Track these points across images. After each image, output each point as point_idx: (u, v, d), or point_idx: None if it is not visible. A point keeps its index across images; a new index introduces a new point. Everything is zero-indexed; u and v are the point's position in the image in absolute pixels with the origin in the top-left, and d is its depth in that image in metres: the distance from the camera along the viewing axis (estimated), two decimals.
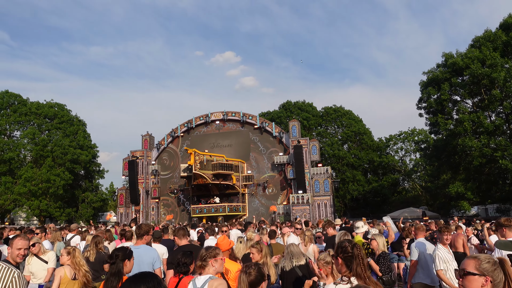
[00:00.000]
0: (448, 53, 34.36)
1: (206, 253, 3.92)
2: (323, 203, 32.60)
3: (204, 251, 4.00)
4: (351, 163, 50.79)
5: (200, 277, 3.77)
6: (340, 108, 54.50)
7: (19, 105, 45.35)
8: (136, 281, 1.95)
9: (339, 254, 2.98)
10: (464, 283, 2.36)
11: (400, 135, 53.68)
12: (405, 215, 32.55)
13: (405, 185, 55.91)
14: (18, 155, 43.59)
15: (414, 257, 6.44)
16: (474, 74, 30.15)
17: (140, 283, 1.92)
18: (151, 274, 2.04)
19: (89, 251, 7.11)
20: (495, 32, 31.95)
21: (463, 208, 46.06)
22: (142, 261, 5.26)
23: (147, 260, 5.28)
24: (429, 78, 35.06)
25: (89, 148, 48.05)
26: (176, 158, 37.57)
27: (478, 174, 33.34)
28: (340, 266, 2.97)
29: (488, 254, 2.52)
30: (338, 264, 3.00)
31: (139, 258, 5.31)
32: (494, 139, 30.11)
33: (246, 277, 3.02)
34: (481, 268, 2.25)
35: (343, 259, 2.95)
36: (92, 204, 47.38)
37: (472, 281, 2.26)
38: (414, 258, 6.44)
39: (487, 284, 2.18)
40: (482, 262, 2.27)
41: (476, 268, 2.27)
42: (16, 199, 41.12)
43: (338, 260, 2.99)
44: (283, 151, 34.89)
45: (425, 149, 42.83)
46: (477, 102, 33.74)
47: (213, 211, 32.31)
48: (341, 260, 2.96)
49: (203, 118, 37.40)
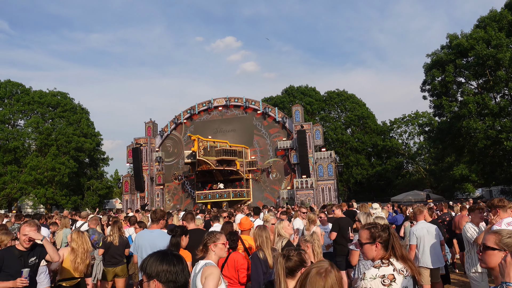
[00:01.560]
0: (453, 34, 33.90)
1: (206, 238, 3.93)
2: (327, 187, 32.69)
3: (205, 236, 4.00)
4: (355, 147, 50.73)
5: (200, 262, 3.78)
6: (343, 92, 54.18)
7: (22, 94, 45.39)
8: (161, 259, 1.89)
9: (377, 239, 2.83)
10: (483, 257, 2.35)
11: (404, 118, 53.42)
12: (409, 198, 32.64)
13: (409, 168, 55.88)
14: (23, 144, 43.82)
15: (412, 242, 6.33)
16: (479, 55, 29.77)
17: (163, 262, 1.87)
18: (178, 256, 1.97)
19: (112, 235, 7.18)
20: (501, 12, 31.40)
21: (467, 191, 46.08)
22: (156, 245, 5.31)
23: (161, 244, 5.35)
24: (433, 60, 34.67)
25: (93, 136, 48.23)
26: (179, 145, 37.64)
27: (482, 156, 33.23)
28: (378, 251, 2.83)
29: (510, 229, 2.49)
30: (374, 250, 2.84)
31: (153, 242, 5.38)
32: (499, 120, 29.91)
33: (285, 261, 2.84)
34: (502, 243, 2.24)
35: (381, 243, 2.83)
36: (97, 191, 47.81)
37: (491, 256, 2.24)
38: (412, 243, 6.32)
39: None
40: (503, 237, 2.26)
41: (496, 243, 2.25)
42: (23, 188, 41.52)
43: (375, 245, 2.83)
44: (287, 136, 34.85)
45: (429, 132, 42.64)
46: (482, 84, 33.40)
47: (218, 197, 32.51)
48: (380, 244, 2.83)
49: (206, 104, 37.33)
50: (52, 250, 4.58)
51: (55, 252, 4.63)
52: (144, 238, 5.52)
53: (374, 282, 2.65)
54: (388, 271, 2.69)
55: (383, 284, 2.64)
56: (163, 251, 1.97)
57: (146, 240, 5.48)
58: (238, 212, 12.50)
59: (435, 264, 6.32)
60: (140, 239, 5.56)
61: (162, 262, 1.86)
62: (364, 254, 2.93)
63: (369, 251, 2.86)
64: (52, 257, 4.58)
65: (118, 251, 7.07)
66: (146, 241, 5.46)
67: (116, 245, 7.05)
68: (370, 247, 2.85)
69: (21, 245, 4.40)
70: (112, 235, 7.17)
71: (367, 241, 2.87)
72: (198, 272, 3.62)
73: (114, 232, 7.18)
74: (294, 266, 2.82)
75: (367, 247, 2.87)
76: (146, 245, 5.42)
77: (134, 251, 5.64)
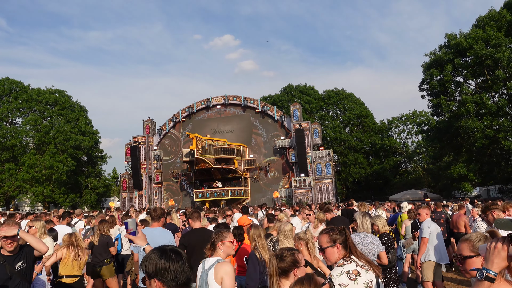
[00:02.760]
0: (452, 34, 33.91)
1: (214, 237, 3.95)
2: (325, 186, 32.72)
3: (213, 234, 4.04)
4: (353, 146, 50.76)
5: (209, 259, 3.78)
6: (341, 91, 54.19)
7: (20, 92, 45.23)
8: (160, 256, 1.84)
9: (337, 240, 2.95)
10: (465, 268, 2.31)
11: (402, 117, 53.45)
12: (407, 197, 32.70)
13: (407, 168, 55.95)
14: (21, 142, 43.70)
15: (426, 235, 6.50)
16: (477, 55, 29.80)
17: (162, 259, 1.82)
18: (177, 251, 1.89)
19: (94, 236, 7.19)
20: (500, 12, 31.43)
21: (465, 190, 46.18)
22: (158, 243, 5.30)
23: (163, 242, 5.36)
24: (431, 60, 34.68)
25: (91, 134, 48.12)
26: (178, 143, 37.61)
27: (480, 155, 33.30)
28: (340, 251, 2.95)
29: (478, 232, 2.50)
30: (336, 252, 2.96)
31: (155, 240, 5.37)
32: (497, 120, 29.96)
33: (277, 261, 2.84)
34: (475, 248, 2.21)
35: (341, 244, 2.95)
36: (95, 189, 47.72)
37: (471, 264, 2.21)
38: (426, 236, 6.50)
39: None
40: (474, 242, 2.24)
41: (470, 250, 2.24)
42: (20, 186, 41.41)
43: (336, 247, 2.95)
44: (285, 135, 34.85)
45: (427, 131, 42.69)
46: (480, 83, 33.45)
47: (216, 196, 32.50)
48: (340, 245, 2.95)
49: (204, 102, 37.28)
50: (35, 241, 4.07)
51: (39, 242, 4.10)
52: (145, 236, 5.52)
53: (341, 278, 2.72)
54: (351, 267, 2.79)
55: (350, 278, 2.72)
56: (161, 248, 1.91)
57: (147, 238, 5.48)
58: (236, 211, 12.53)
59: (442, 261, 6.52)
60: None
61: (160, 260, 1.81)
62: (327, 259, 3.01)
63: (332, 254, 2.95)
64: (38, 248, 4.04)
65: (98, 250, 7.05)
66: (147, 239, 5.46)
67: (96, 244, 7.05)
68: (332, 250, 2.94)
69: (5, 250, 3.94)
70: (94, 235, 7.17)
71: (328, 245, 2.95)
72: (208, 268, 3.62)
73: (96, 232, 7.17)
74: (287, 266, 2.82)
75: (329, 251, 2.95)
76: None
77: (135, 250, 5.63)
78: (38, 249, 4.04)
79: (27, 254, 4.04)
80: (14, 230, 3.88)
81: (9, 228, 3.89)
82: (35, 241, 4.06)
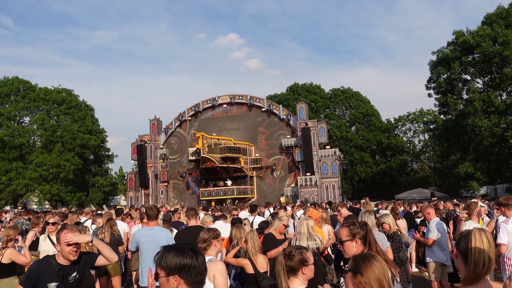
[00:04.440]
0: (459, 31, 33.63)
1: (208, 235, 3.98)
2: (331, 185, 32.65)
3: (205, 233, 4.03)
4: (359, 144, 50.59)
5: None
6: (348, 90, 54.01)
7: (27, 91, 45.61)
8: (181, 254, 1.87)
9: (357, 235, 2.96)
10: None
11: (409, 116, 53.19)
12: (414, 196, 32.54)
13: (413, 166, 55.66)
14: (28, 140, 44.10)
15: (433, 236, 6.43)
16: (485, 52, 29.55)
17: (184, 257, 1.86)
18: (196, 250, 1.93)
19: (104, 233, 7.19)
20: (508, 9, 31.12)
21: (472, 188, 45.87)
22: (157, 242, 5.37)
23: (162, 241, 5.41)
24: (439, 58, 34.44)
25: (97, 133, 48.43)
26: (184, 142, 37.71)
27: (487, 154, 33.04)
28: (358, 246, 2.96)
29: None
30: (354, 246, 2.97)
31: (155, 239, 5.43)
32: (505, 118, 29.69)
33: (286, 260, 2.84)
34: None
35: (360, 239, 2.95)
36: (102, 188, 48.04)
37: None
38: (433, 237, 6.42)
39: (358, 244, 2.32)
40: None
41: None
42: (28, 184, 41.81)
43: (355, 242, 2.96)
44: (291, 134, 34.82)
45: (434, 129, 42.43)
46: (488, 81, 33.16)
47: (222, 194, 32.56)
48: (359, 240, 2.95)
49: (210, 101, 37.34)
50: (108, 250, 3.51)
51: (111, 251, 3.55)
52: (143, 235, 5.56)
53: None
54: None
55: None
56: (180, 246, 1.94)
57: (146, 237, 5.52)
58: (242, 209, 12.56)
59: (449, 261, 6.44)
60: (139, 236, 5.59)
61: (182, 257, 1.85)
62: (345, 252, 3.03)
63: (350, 248, 2.96)
64: (109, 258, 3.50)
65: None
66: (146, 238, 5.50)
67: (107, 242, 7.05)
68: (350, 244, 2.96)
69: (65, 258, 3.36)
70: (103, 233, 7.14)
71: (347, 238, 2.98)
72: None
73: (105, 230, 7.13)
74: (295, 265, 2.83)
75: (348, 244, 2.98)
76: (146, 242, 5.45)
77: (133, 248, 5.70)
78: (110, 258, 3.51)
79: (85, 264, 3.50)
80: (88, 237, 3.42)
81: (80, 235, 3.40)
82: (107, 251, 3.50)
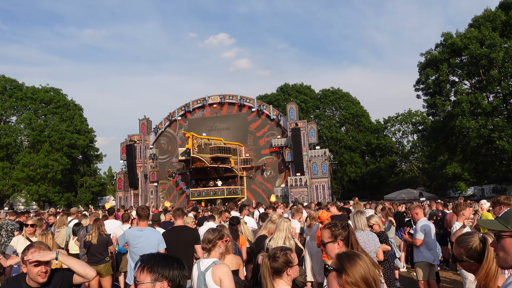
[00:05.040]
0: (447, 33, 34.05)
1: (214, 235, 3.84)
2: (321, 185, 32.78)
3: (210, 233, 3.88)
4: (349, 145, 50.89)
5: (204, 260, 3.73)
6: (338, 91, 54.30)
7: (14, 90, 44.93)
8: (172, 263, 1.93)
9: (338, 236, 2.97)
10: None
11: (398, 117, 53.65)
12: (402, 196, 32.83)
13: (402, 167, 56.18)
14: (15, 140, 43.45)
15: (420, 236, 6.50)
16: (472, 55, 29.96)
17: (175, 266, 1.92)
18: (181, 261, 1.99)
19: (91, 234, 7.14)
20: (495, 12, 31.61)
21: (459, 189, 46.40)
22: (149, 243, 5.35)
23: (153, 242, 5.39)
24: (427, 59, 34.82)
25: (86, 132, 47.91)
26: (174, 142, 37.53)
27: (475, 155, 33.50)
28: (340, 248, 2.96)
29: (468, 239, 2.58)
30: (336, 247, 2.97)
31: (146, 240, 5.40)
32: (492, 120, 30.14)
33: (270, 261, 2.81)
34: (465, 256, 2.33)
35: (342, 240, 2.96)
36: (91, 188, 47.54)
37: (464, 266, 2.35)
38: (420, 237, 6.50)
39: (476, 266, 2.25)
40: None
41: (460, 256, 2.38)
42: (15, 184, 41.19)
43: (337, 243, 2.97)
44: (281, 134, 34.88)
45: (423, 130, 42.88)
46: (475, 83, 33.63)
47: (212, 194, 32.48)
48: (341, 241, 2.96)
49: (200, 101, 37.22)
50: (80, 266, 2.96)
51: (86, 266, 3.01)
52: (134, 236, 5.52)
53: None
54: None
55: None
56: (168, 256, 2.03)
57: (137, 238, 5.48)
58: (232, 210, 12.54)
59: (436, 261, 6.55)
60: (129, 237, 5.54)
61: (174, 266, 1.91)
62: (327, 253, 3.07)
63: (332, 250, 3.00)
64: (84, 274, 2.93)
65: (97, 249, 7.03)
66: (138, 239, 5.46)
67: (95, 243, 7.01)
68: (332, 245, 2.99)
69: (33, 281, 2.84)
70: (91, 234, 7.11)
71: (329, 240, 3.00)
72: (205, 270, 3.60)
73: (93, 231, 7.10)
74: (280, 266, 2.81)
75: (330, 246, 3.01)
76: (138, 243, 5.41)
77: (121, 245, 5.67)
78: (85, 275, 2.94)
79: (62, 282, 2.97)
80: (52, 253, 2.83)
81: (44, 251, 2.93)
82: (80, 266, 2.96)
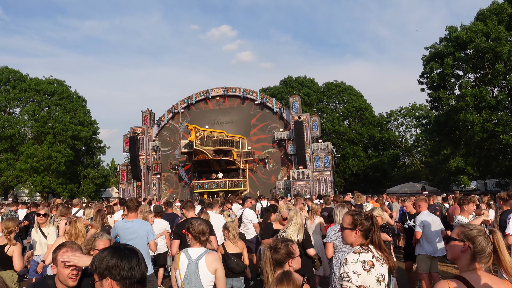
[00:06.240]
0: (452, 27, 33.69)
1: (209, 230, 3.95)
2: (323, 178, 32.79)
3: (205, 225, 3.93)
4: (352, 138, 50.79)
5: (194, 249, 3.72)
6: (341, 84, 54.05)
7: (18, 81, 44.96)
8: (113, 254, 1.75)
9: (358, 226, 2.92)
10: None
11: (401, 110, 53.43)
12: (405, 190, 32.83)
13: (405, 161, 56.07)
14: (19, 131, 43.60)
15: (418, 229, 6.54)
16: (478, 48, 29.66)
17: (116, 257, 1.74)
18: (132, 249, 1.82)
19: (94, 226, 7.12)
20: (501, 5, 31.21)
21: (462, 183, 46.33)
22: (138, 234, 5.38)
23: (142, 233, 5.43)
24: (432, 53, 34.51)
25: (89, 124, 48.01)
26: (176, 134, 37.57)
27: (478, 149, 33.34)
28: (357, 237, 2.91)
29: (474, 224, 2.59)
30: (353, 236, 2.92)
31: (136, 232, 5.43)
32: (496, 114, 29.93)
33: (272, 253, 2.82)
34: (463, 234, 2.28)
35: (361, 231, 2.91)
36: (94, 180, 47.74)
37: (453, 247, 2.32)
38: (418, 230, 6.54)
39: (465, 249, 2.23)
40: (465, 229, 2.32)
41: (457, 235, 2.32)
42: (19, 176, 41.41)
43: (355, 232, 2.91)
44: (284, 127, 34.83)
45: (426, 124, 42.67)
46: (480, 77, 33.34)
47: (214, 187, 32.58)
48: (360, 232, 2.90)
49: (203, 94, 37.17)
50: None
51: None
52: (123, 228, 5.53)
53: (356, 266, 2.71)
54: (368, 257, 2.76)
55: (364, 269, 2.71)
56: (115, 246, 1.83)
57: (125, 230, 5.49)
58: (234, 202, 12.59)
59: (436, 253, 6.52)
60: (118, 229, 5.56)
61: (113, 258, 1.73)
62: (344, 238, 3.04)
63: (348, 236, 2.96)
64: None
65: None
66: (126, 231, 5.47)
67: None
68: (349, 233, 2.95)
69: (63, 284, 2.59)
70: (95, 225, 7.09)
71: (348, 227, 2.97)
72: (198, 258, 3.61)
73: (96, 222, 6.97)
74: (281, 258, 2.83)
75: (347, 232, 2.97)
76: (127, 235, 5.42)
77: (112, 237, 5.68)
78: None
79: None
80: (88, 259, 2.54)
81: (82, 255, 2.67)
82: None
